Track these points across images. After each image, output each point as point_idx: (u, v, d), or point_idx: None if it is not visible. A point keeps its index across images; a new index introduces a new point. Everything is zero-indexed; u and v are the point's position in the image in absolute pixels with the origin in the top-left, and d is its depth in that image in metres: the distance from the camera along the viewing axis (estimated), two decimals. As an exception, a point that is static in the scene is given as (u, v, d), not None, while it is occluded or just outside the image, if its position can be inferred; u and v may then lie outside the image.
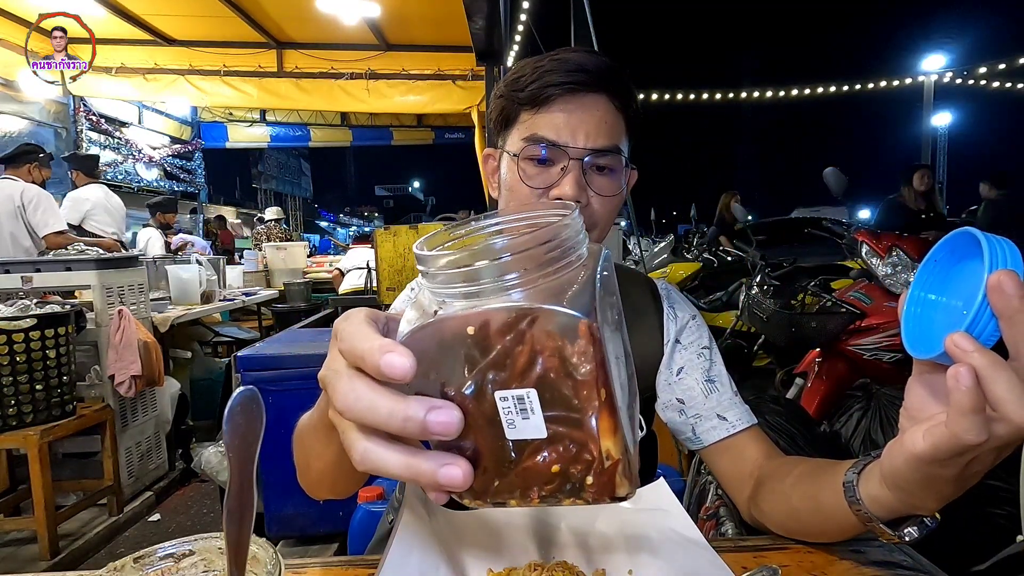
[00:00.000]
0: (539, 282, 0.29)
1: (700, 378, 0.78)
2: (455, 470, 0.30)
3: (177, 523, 2.62)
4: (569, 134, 0.69)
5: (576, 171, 0.69)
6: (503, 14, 4.23)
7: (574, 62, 0.70)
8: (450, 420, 0.29)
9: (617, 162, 0.72)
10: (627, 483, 0.30)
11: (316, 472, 0.55)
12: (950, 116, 17.20)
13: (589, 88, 0.70)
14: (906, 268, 2.12)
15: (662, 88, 10.91)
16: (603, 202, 0.72)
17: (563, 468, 0.30)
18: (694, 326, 0.83)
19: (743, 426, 0.74)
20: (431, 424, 0.29)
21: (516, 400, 0.29)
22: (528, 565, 0.54)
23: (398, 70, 5.33)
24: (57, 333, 2.15)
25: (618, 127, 0.72)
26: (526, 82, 0.71)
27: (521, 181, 0.72)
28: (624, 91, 0.73)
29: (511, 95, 0.73)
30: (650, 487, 0.64)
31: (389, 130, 8.46)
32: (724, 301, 3.54)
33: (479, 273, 0.28)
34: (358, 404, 0.31)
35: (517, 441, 0.30)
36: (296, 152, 15.28)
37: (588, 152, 0.70)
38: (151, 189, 7.04)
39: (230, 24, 4.87)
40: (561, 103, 0.70)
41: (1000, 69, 10.28)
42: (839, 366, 2.12)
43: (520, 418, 0.29)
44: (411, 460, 0.31)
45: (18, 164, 3.44)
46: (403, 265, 2.63)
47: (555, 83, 0.69)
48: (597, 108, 0.70)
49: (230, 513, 0.37)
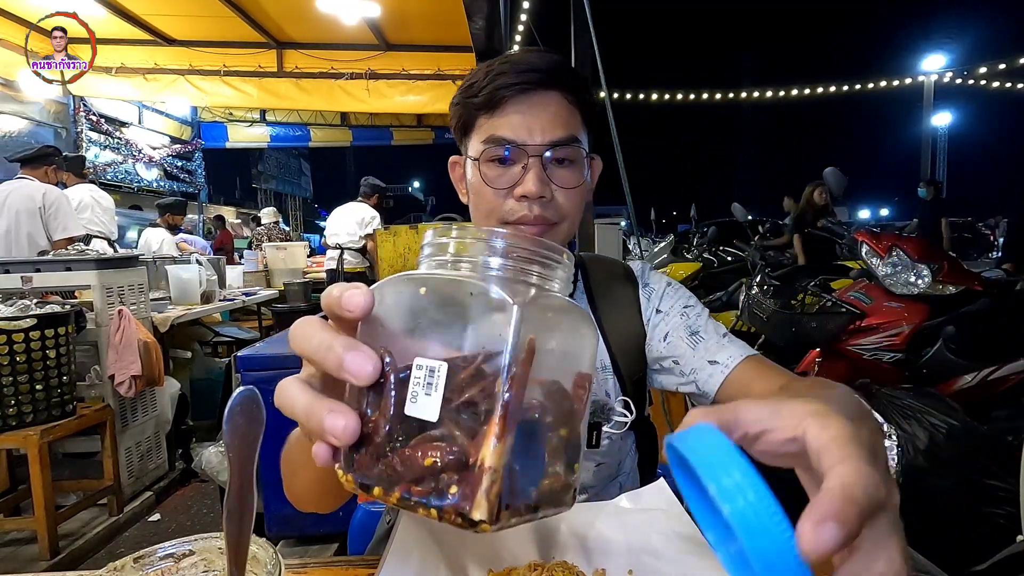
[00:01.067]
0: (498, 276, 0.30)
1: (684, 335, 0.80)
2: (340, 419, 0.30)
3: (177, 523, 2.62)
4: (526, 132, 0.71)
5: (537, 167, 0.71)
6: (503, 14, 4.23)
7: (524, 62, 0.72)
8: (364, 363, 0.30)
9: (576, 153, 0.74)
10: (485, 507, 0.27)
11: (300, 486, 0.58)
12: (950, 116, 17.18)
13: (541, 86, 0.72)
14: (906, 268, 2.13)
15: (662, 88, 10.93)
16: (567, 195, 0.74)
17: (435, 464, 0.28)
18: (670, 291, 0.85)
19: (736, 362, 0.75)
20: (347, 359, 0.30)
21: (427, 371, 0.29)
22: (528, 565, 0.54)
23: (398, 70, 5.33)
24: (57, 333, 2.15)
25: (573, 120, 0.74)
26: (479, 87, 0.73)
27: (484, 184, 0.73)
28: (576, 86, 0.74)
29: (466, 102, 0.75)
30: (650, 487, 0.64)
31: (389, 130, 8.46)
32: (724, 301, 3.54)
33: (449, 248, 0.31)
34: (302, 330, 0.34)
35: (409, 421, 0.29)
36: (296, 152, 15.27)
37: (546, 147, 0.71)
38: (151, 189, 7.04)
39: (230, 24, 4.87)
40: (514, 103, 0.72)
41: (1000, 69, 10.29)
42: (839, 366, 2.12)
43: (423, 392, 0.29)
44: (314, 401, 0.32)
45: (36, 165, 3.47)
46: (403, 265, 2.63)
47: (507, 84, 0.71)
48: (550, 104, 0.72)
49: (230, 513, 0.37)
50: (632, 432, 0.86)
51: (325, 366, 0.32)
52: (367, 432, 0.30)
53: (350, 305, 0.31)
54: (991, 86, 11.05)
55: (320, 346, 0.32)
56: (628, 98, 10.85)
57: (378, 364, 0.30)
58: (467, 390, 0.28)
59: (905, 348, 2.04)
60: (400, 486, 0.29)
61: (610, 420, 0.79)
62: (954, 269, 2.13)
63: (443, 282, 0.30)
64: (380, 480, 0.30)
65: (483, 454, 0.27)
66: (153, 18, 4.89)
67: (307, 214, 20.14)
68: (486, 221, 0.76)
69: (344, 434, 0.30)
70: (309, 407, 0.32)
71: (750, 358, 0.75)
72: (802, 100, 11.67)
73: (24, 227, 3.29)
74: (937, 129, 15.18)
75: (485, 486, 0.27)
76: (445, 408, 0.28)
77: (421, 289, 0.30)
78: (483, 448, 0.27)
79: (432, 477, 0.28)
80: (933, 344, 2.03)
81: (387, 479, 0.29)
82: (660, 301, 0.84)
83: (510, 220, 0.74)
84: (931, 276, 2.09)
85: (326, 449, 0.32)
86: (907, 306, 2.09)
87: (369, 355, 0.30)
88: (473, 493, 0.27)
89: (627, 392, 0.81)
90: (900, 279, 2.12)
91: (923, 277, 2.09)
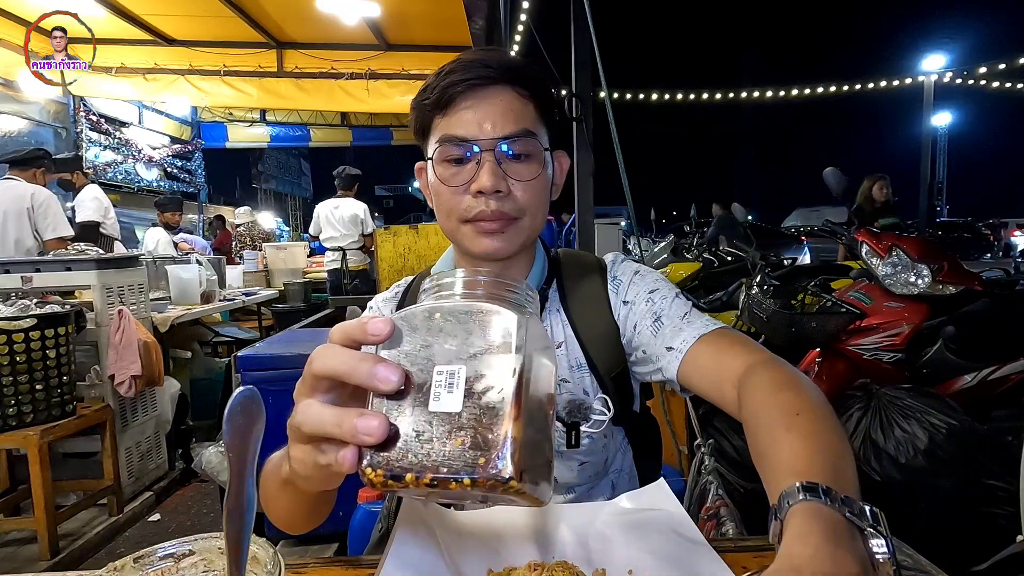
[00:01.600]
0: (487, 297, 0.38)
1: (649, 322, 0.78)
2: (373, 420, 0.35)
3: (177, 523, 2.62)
4: (476, 127, 0.71)
5: (490, 161, 0.70)
6: (503, 14, 4.23)
7: (476, 60, 0.72)
8: (391, 372, 0.35)
9: (531, 146, 0.73)
10: (513, 467, 0.33)
11: (283, 509, 0.59)
12: (950, 116, 17.19)
13: (490, 81, 0.71)
14: (906, 268, 2.12)
15: (662, 88, 10.92)
16: (524, 187, 0.73)
17: (463, 444, 0.34)
18: (637, 279, 0.83)
19: (688, 345, 0.73)
20: (376, 369, 0.35)
21: (449, 374, 0.35)
22: (528, 565, 0.54)
23: (398, 70, 5.33)
24: (57, 333, 2.15)
25: (526, 113, 0.73)
26: (432, 88, 0.73)
27: (441, 183, 0.73)
28: (529, 80, 0.74)
29: (421, 105, 0.75)
30: (650, 487, 0.64)
31: (389, 130, 8.46)
32: (724, 301, 3.54)
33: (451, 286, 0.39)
34: (328, 352, 0.39)
35: (436, 415, 0.35)
36: (296, 152, 15.26)
37: (498, 140, 0.71)
38: (151, 189, 7.04)
39: (230, 24, 4.87)
40: (464, 100, 0.71)
41: (1000, 69, 10.28)
42: (839, 366, 2.12)
43: (446, 391, 0.35)
44: (342, 411, 0.37)
45: (25, 167, 3.48)
46: (403, 265, 2.63)
47: (456, 82, 0.71)
48: (501, 98, 0.72)
49: (230, 513, 0.37)
50: (620, 428, 0.85)
51: (354, 377, 0.37)
52: (392, 432, 0.36)
53: (375, 330, 0.37)
54: (991, 86, 11.04)
55: (349, 362, 0.37)
56: (628, 98, 10.85)
57: (402, 373, 0.36)
58: (482, 386, 0.35)
59: (905, 348, 2.04)
60: (430, 470, 0.34)
61: (589, 419, 0.78)
62: (954, 269, 2.13)
63: (454, 306, 0.37)
64: (412, 468, 0.35)
65: (507, 427, 0.34)
66: (153, 18, 4.89)
67: (307, 214, 20.12)
68: (447, 221, 0.76)
69: (378, 431, 0.35)
70: (339, 417, 0.37)
71: (703, 338, 0.73)
72: (802, 100, 11.66)
73: (11, 228, 3.31)
74: (937, 129, 15.18)
75: (511, 450, 0.33)
76: (465, 402, 0.35)
77: (436, 315, 0.37)
78: (506, 423, 0.34)
79: (461, 456, 0.34)
80: (933, 344, 2.03)
81: (418, 467, 0.35)
82: (627, 292, 0.82)
83: (468, 217, 0.73)
84: (931, 276, 2.09)
85: (353, 452, 0.36)
86: (907, 306, 2.09)
87: (394, 366, 0.36)
88: (502, 457, 0.33)
89: (606, 389, 0.80)
90: (900, 279, 2.12)
91: (923, 277, 2.09)
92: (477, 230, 0.73)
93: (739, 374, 0.64)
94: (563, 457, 0.79)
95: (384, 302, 0.89)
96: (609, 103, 2.36)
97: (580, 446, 0.77)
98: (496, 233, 0.73)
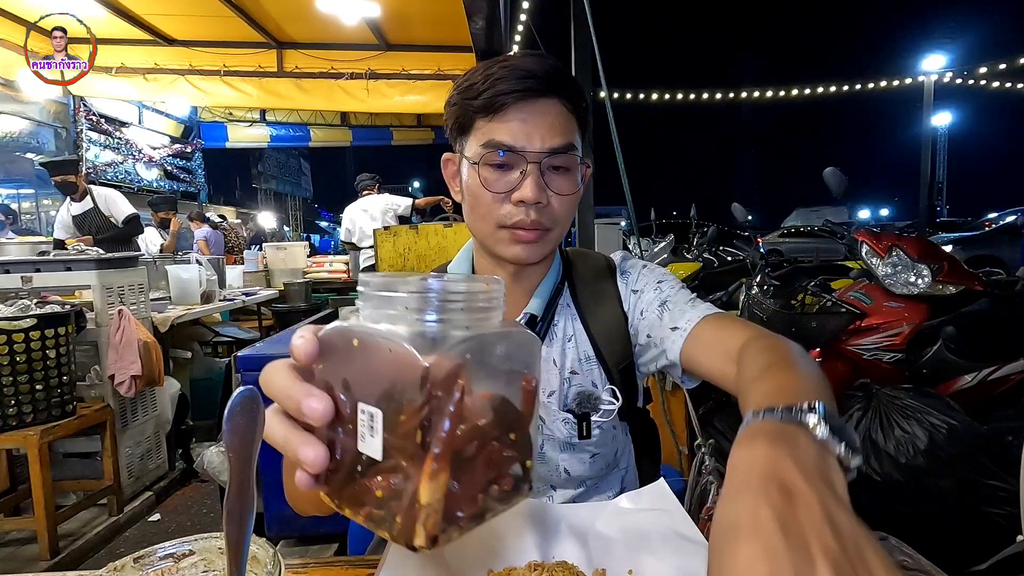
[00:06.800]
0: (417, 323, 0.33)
1: (656, 307, 0.81)
2: (311, 451, 0.35)
3: (177, 523, 2.62)
4: (525, 138, 0.72)
5: (535, 173, 0.72)
6: (503, 14, 4.23)
7: (524, 68, 0.72)
8: (318, 407, 0.34)
9: (572, 161, 0.75)
10: (423, 535, 0.31)
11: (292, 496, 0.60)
12: (950, 116, 17.19)
13: (540, 93, 0.72)
14: (906, 268, 2.12)
15: (662, 88, 10.92)
16: (562, 201, 0.75)
17: (384, 496, 0.32)
18: (646, 272, 0.87)
19: (693, 324, 0.75)
20: (304, 406, 0.35)
21: (368, 416, 0.33)
22: (528, 565, 0.54)
23: (398, 70, 5.32)
24: (57, 333, 2.15)
25: (570, 127, 0.75)
26: (479, 90, 0.73)
27: (483, 187, 0.74)
28: (573, 92, 0.76)
29: (464, 103, 0.75)
30: (650, 487, 0.64)
31: (389, 130, 8.45)
32: (724, 301, 3.54)
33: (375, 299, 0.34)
34: (270, 378, 0.39)
35: (366, 455, 0.33)
36: (296, 152, 15.27)
37: (545, 154, 0.72)
38: (151, 189, 7.04)
39: (230, 24, 4.87)
40: (515, 109, 0.72)
41: (1000, 69, 10.28)
42: (839, 366, 2.12)
43: (368, 434, 0.33)
44: (289, 434, 0.37)
45: None
46: (403, 265, 2.63)
47: (508, 91, 0.71)
48: (549, 111, 0.73)
49: (230, 513, 0.37)
50: (625, 424, 0.87)
51: (288, 409, 0.37)
52: (338, 458, 0.35)
53: (297, 354, 0.37)
54: (991, 86, 11.04)
55: (282, 392, 0.37)
56: (628, 98, 10.85)
57: (330, 407, 0.34)
58: (404, 430, 0.32)
59: (905, 348, 2.04)
60: (364, 508, 0.33)
61: (598, 410, 0.80)
62: (954, 269, 2.13)
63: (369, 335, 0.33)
64: (350, 502, 0.34)
65: (419, 492, 0.31)
66: (153, 18, 4.89)
67: (307, 214, 20.14)
68: (482, 223, 0.77)
69: (314, 464, 0.35)
70: (285, 439, 0.37)
71: (708, 317, 0.75)
72: (802, 100, 11.66)
73: None
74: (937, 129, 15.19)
75: (421, 519, 0.31)
76: (389, 445, 0.32)
77: (354, 341, 0.34)
78: (420, 486, 0.31)
79: (384, 504, 0.32)
80: (933, 344, 2.03)
81: (354, 501, 0.34)
82: (636, 282, 0.86)
83: (507, 224, 0.74)
84: (931, 276, 2.09)
85: (307, 477, 0.36)
86: (907, 306, 2.09)
87: (321, 399, 0.35)
88: (412, 525, 0.31)
89: (613, 380, 0.82)
90: (900, 279, 2.12)
91: (923, 277, 2.09)
92: (513, 237, 0.75)
93: (738, 348, 0.66)
94: (575, 449, 0.81)
95: None
96: (609, 103, 2.36)
97: (592, 437, 0.80)
98: (531, 243, 0.75)
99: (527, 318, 0.81)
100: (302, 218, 17.32)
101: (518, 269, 0.81)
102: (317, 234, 20.94)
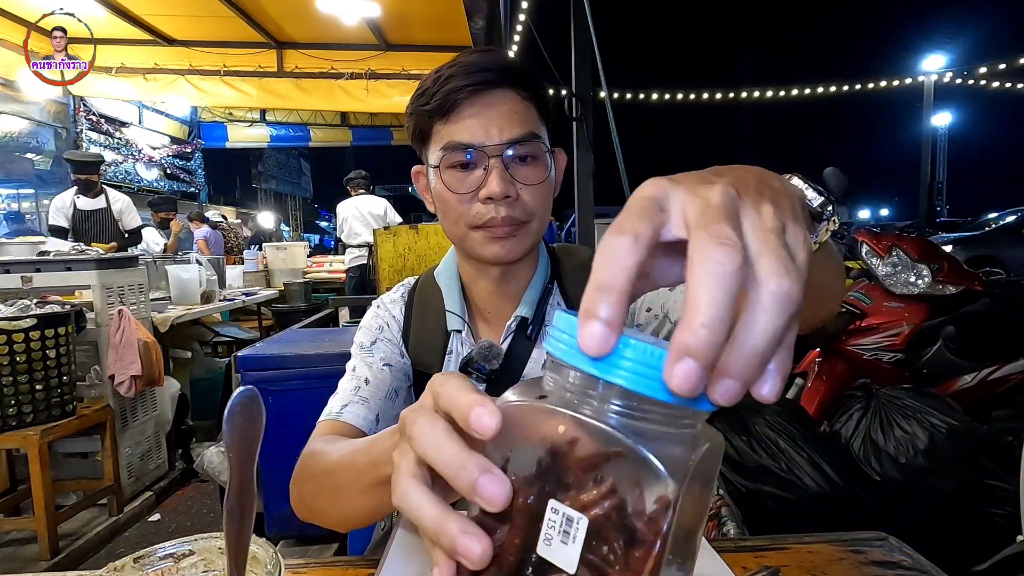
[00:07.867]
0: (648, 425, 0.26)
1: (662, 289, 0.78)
2: (475, 543, 0.28)
3: (177, 523, 2.62)
4: (483, 133, 0.70)
5: (499, 167, 0.70)
6: (503, 14, 4.24)
7: (474, 63, 0.71)
8: (499, 491, 0.28)
9: (537, 149, 0.73)
10: None
11: (343, 512, 0.57)
12: (950, 116, 17.20)
13: (493, 85, 0.71)
14: (906, 268, 2.12)
15: (662, 88, 10.93)
16: (533, 192, 0.73)
17: None
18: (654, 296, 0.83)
19: None
20: (480, 484, 0.28)
21: (566, 519, 0.27)
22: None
23: (398, 70, 5.32)
24: (57, 333, 2.15)
25: (529, 116, 0.73)
26: (431, 93, 0.71)
27: (449, 190, 0.72)
28: (528, 81, 0.73)
29: (420, 111, 0.74)
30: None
31: (389, 130, 8.45)
32: (724, 301, 3.53)
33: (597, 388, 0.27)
34: (430, 437, 0.31)
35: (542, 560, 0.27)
36: (296, 152, 15.28)
37: (505, 145, 0.70)
38: (151, 189, 7.05)
39: (230, 24, 4.87)
40: (468, 104, 0.70)
41: (1000, 69, 10.29)
42: (839, 366, 2.12)
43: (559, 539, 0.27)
44: (442, 514, 0.30)
45: None
46: (403, 265, 2.63)
47: (459, 87, 0.70)
48: (504, 102, 0.71)
49: (230, 513, 0.37)
50: None
51: (455, 484, 0.29)
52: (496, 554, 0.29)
53: (479, 428, 0.28)
54: (991, 86, 11.05)
55: (451, 462, 0.30)
56: (628, 98, 10.85)
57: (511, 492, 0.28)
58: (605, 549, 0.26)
59: (905, 348, 2.04)
60: None
61: None
62: (954, 269, 2.13)
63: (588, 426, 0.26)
64: None
65: None
66: (153, 18, 4.89)
67: (307, 214, 20.15)
68: (454, 227, 0.75)
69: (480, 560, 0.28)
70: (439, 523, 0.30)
71: None
72: (802, 100, 11.67)
73: None
74: (937, 129, 15.20)
75: None
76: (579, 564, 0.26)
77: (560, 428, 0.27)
78: None
79: None
80: (933, 344, 2.03)
81: None
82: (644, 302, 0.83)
83: (479, 224, 0.72)
84: (931, 276, 2.09)
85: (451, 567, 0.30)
86: (907, 306, 2.09)
87: (503, 481, 0.28)
88: None
89: None
90: (900, 279, 2.12)
91: (923, 277, 2.09)
92: (488, 236, 0.73)
93: None
94: None
95: (392, 303, 0.88)
96: (609, 103, 2.36)
97: None
98: (507, 238, 0.73)
99: (518, 321, 0.79)
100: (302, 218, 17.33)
101: (503, 271, 0.78)
102: (317, 234, 20.96)
